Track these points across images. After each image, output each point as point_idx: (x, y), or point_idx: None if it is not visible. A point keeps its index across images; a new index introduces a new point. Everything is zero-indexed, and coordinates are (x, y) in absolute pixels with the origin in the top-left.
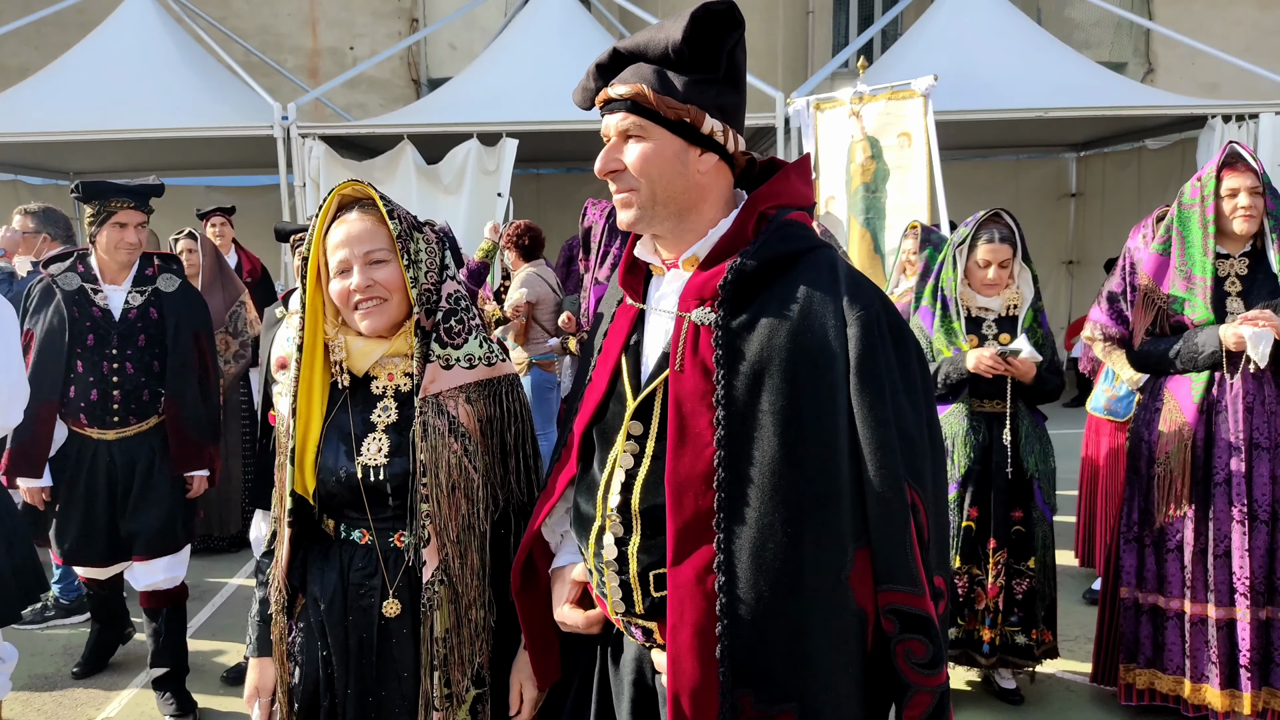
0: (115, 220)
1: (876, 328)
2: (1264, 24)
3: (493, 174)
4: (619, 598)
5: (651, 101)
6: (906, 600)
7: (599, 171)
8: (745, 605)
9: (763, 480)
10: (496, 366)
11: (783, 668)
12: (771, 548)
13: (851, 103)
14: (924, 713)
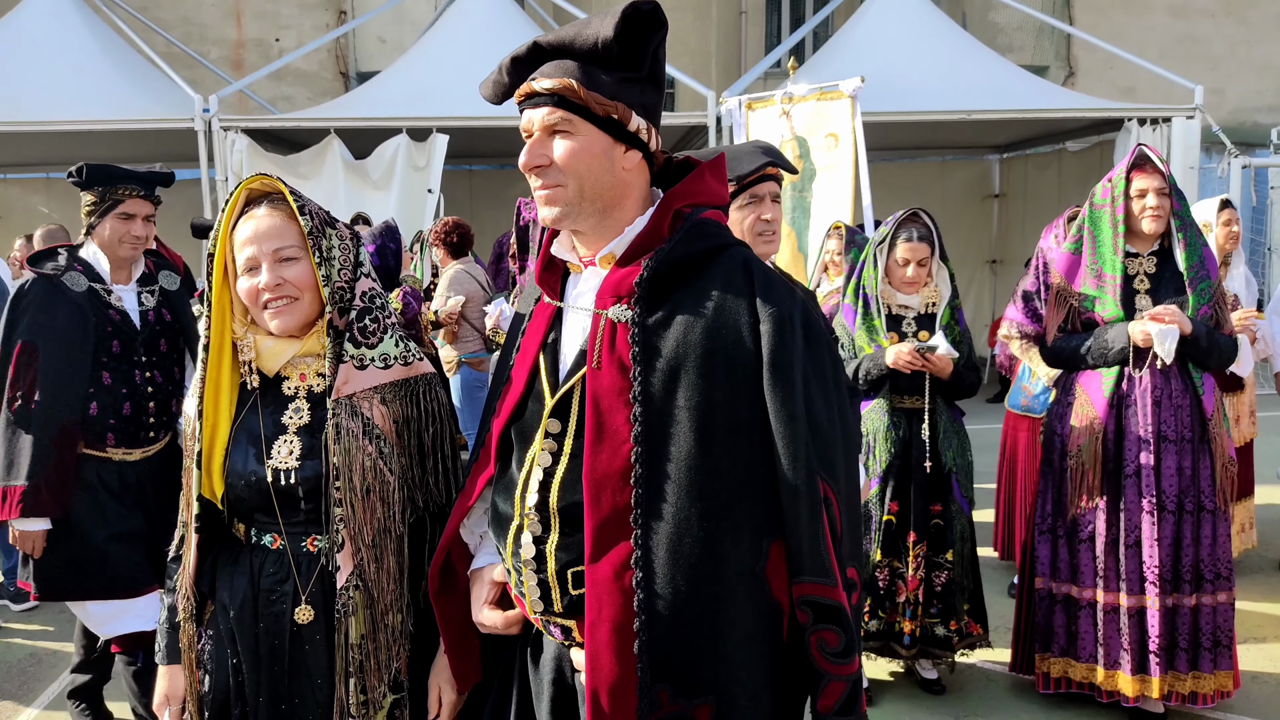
0: (121, 210)
1: (789, 324)
2: (1176, 30)
3: (423, 170)
4: (537, 596)
5: (581, 96)
6: (820, 591)
7: (524, 166)
8: (663, 600)
9: (679, 476)
10: (413, 366)
11: (700, 661)
12: (688, 543)
13: (782, 102)
14: (837, 701)
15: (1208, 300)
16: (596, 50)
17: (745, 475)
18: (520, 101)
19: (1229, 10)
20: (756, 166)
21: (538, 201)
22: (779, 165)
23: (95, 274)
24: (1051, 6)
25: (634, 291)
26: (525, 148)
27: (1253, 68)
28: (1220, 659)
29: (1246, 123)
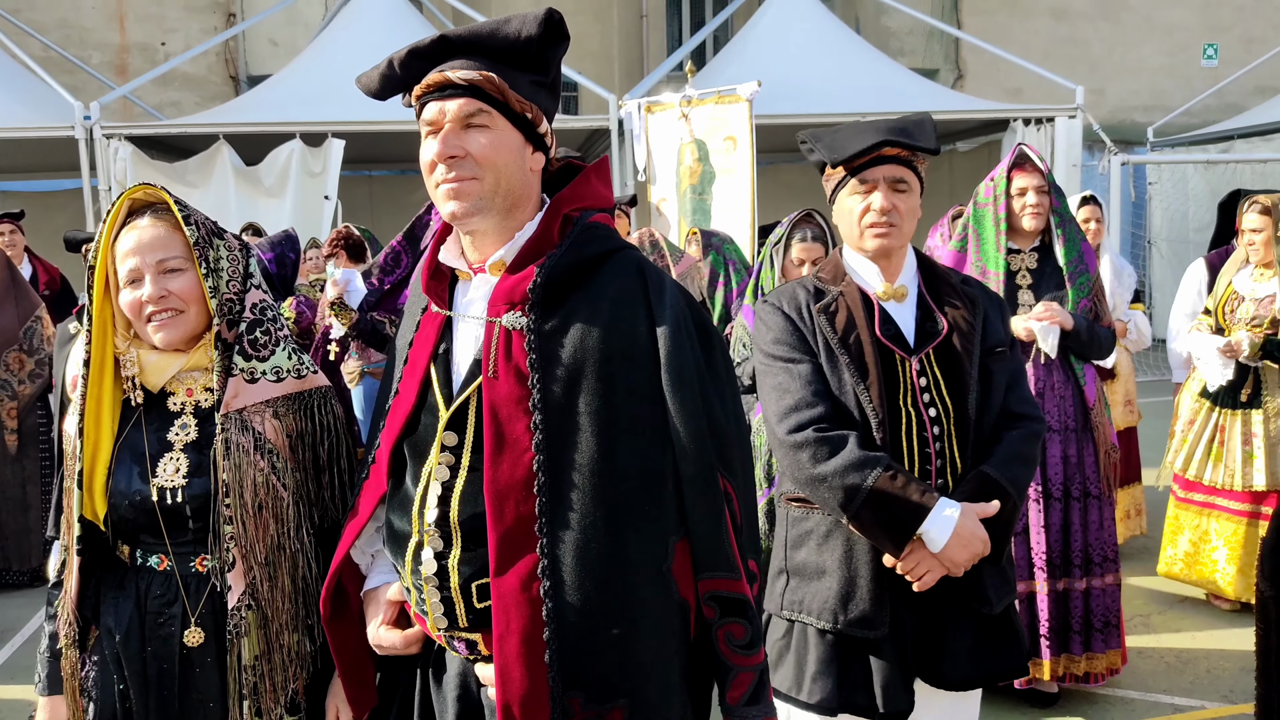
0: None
1: (684, 325)
2: (1059, 33)
3: (319, 176)
4: (441, 613)
5: (503, 91)
6: (725, 586)
7: (439, 156)
8: (572, 608)
9: (583, 482)
10: (307, 379)
11: (612, 666)
12: (595, 548)
13: (680, 106)
14: (746, 691)
15: (1087, 294)
16: (516, 49)
17: (648, 476)
18: (425, 94)
19: (1106, 14)
20: (864, 147)
21: (445, 196)
22: (904, 145)
23: None
24: (940, 11)
25: (528, 298)
26: (439, 138)
27: (1129, 69)
28: (1110, 638)
29: (1125, 121)
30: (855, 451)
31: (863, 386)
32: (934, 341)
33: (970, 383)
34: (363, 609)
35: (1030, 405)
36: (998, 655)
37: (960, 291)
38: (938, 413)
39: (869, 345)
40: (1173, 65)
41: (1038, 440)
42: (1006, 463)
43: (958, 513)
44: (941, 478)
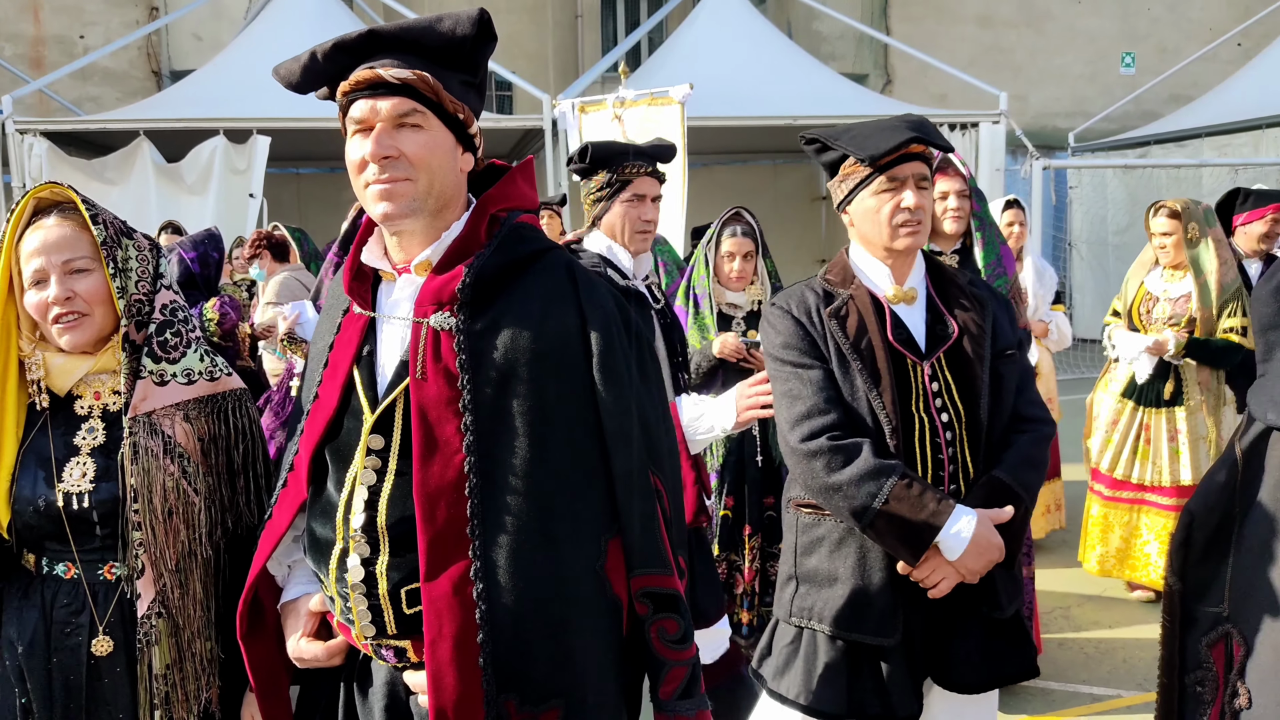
0: None
1: (614, 325)
2: (984, 41)
3: (243, 173)
4: (368, 621)
5: (437, 91)
6: (658, 582)
7: (373, 156)
8: (506, 611)
9: (516, 483)
10: (220, 381)
11: (546, 666)
12: (529, 549)
13: (614, 107)
14: (679, 686)
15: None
16: (449, 49)
17: (581, 476)
18: (352, 91)
19: (1030, 23)
20: (897, 144)
21: (377, 197)
22: (928, 142)
23: None
24: (870, 17)
25: (456, 298)
26: (372, 137)
27: (1051, 76)
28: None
29: (1047, 127)
30: (870, 460)
31: (875, 393)
32: (945, 345)
33: (982, 387)
34: (279, 621)
35: (1039, 408)
36: (1009, 656)
37: (969, 293)
38: (950, 418)
39: (881, 350)
40: (1093, 73)
41: (1047, 443)
42: (1018, 467)
43: (974, 521)
44: (954, 483)
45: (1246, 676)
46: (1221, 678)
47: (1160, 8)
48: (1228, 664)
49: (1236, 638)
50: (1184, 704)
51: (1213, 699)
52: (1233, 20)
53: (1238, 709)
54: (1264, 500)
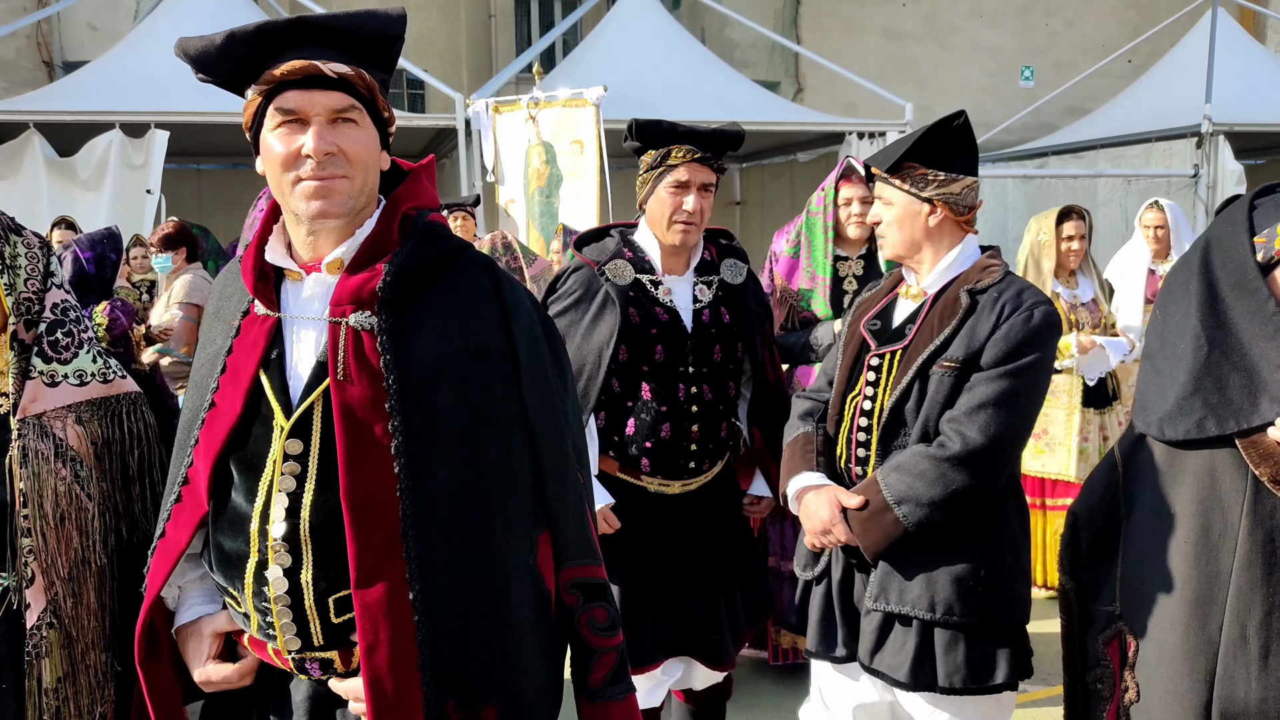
0: None
1: (537, 323)
2: (890, 52)
3: (141, 169)
4: (293, 634)
5: (373, 89)
6: (589, 572)
7: (315, 151)
8: (443, 612)
9: (448, 483)
10: (114, 384)
11: (483, 665)
12: (464, 549)
13: (528, 108)
14: (609, 672)
15: None
16: (378, 46)
17: (510, 473)
18: (286, 78)
19: (934, 36)
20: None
21: (310, 194)
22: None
23: None
24: (782, 27)
25: (378, 296)
26: (312, 132)
27: (955, 88)
28: None
29: None
30: (797, 416)
31: (837, 370)
32: (900, 342)
33: (895, 388)
34: (174, 643)
35: (959, 427)
36: (987, 665)
37: (959, 299)
38: (871, 408)
39: (856, 334)
40: (994, 86)
41: (943, 460)
42: (893, 469)
43: (806, 484)
44: (863, 468)
45: (1136, 671)
46: (1118, 674)
47: (1057, 23)
48: (1123, 660)
49: (1129, 634)
50: (1086, 701)
51: (1111, 695)
52: (1124, 38)
53: (1129, 703)
54: (1143, 502)
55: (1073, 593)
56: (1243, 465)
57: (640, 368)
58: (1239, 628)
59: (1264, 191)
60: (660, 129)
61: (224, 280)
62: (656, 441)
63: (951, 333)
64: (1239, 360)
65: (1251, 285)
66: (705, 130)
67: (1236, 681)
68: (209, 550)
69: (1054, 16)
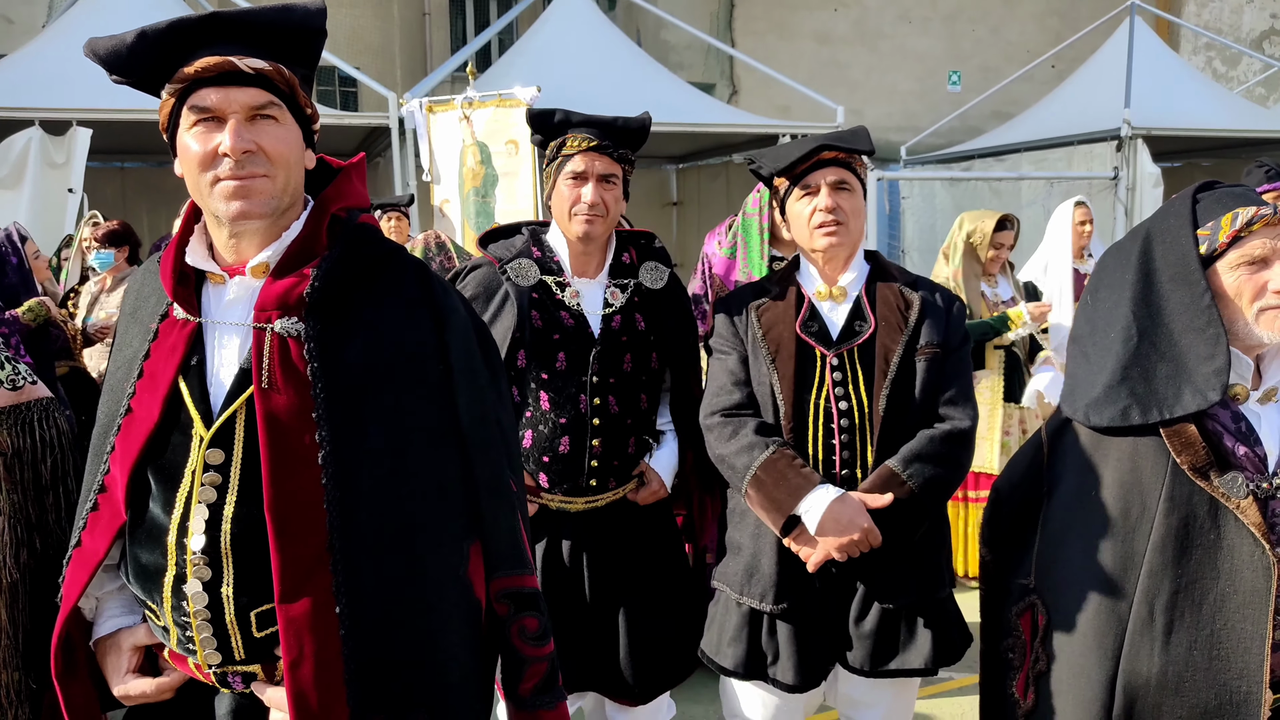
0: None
1: (470, 328)
2: (822, 57)
3: (62, 167)
4: (214, 648)
5: (292, 85)
6: (520, 582)
7: (232, 149)
8: (370, 626)
9: (376, 494)
10: (24, 391)
11: (411, 677)
12: (391, 562)
13: (462, 108)
14: (539, 681)
15: None
16: (299, 41)
17: (441, 482)
18: (201, 75)
19: (864, 41)
20: (804, 153)
21: (230, 194)
22: (840, 148)
23: None
24: (716, 29)
25: (305, 302)
26: (229, 129)
27: (884, 92)
28: None
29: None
30: (750, 435)
31: (776, 378)
32: (856, 340)
33: (884, 380)
34: (90, 656)
35: (958, 408)
36: (901, 648)
37: (899, 292)
38: (849, 406)
39: (789, 340)
40: (922, 90)
41: (955, 441)
42: (910, 458)
43: (829, 499)
44: (849, 469)
45: (1046, 643)
46: (1029, 644)
47: (983, 29)
48: (1034, 631)
49: (1040, 608)
50: (999, 669)
51: (1020, 665)
52: (1047, 44)
53: (1039, 672)
54: (1065, 482)
55: (992, 565)
56: (1164, 452)
57: (540, 375)
58: (1147, 607)
59: (1204, 187)
60: (554, 118)
61: (141, 280)
62: (554, 456)
63: (918, 322)
64: (1167, 350)
65: (1191, 278)
66: (603, 118)
67: (1140, 657)
68: (126, 562)
69: (980, 23)
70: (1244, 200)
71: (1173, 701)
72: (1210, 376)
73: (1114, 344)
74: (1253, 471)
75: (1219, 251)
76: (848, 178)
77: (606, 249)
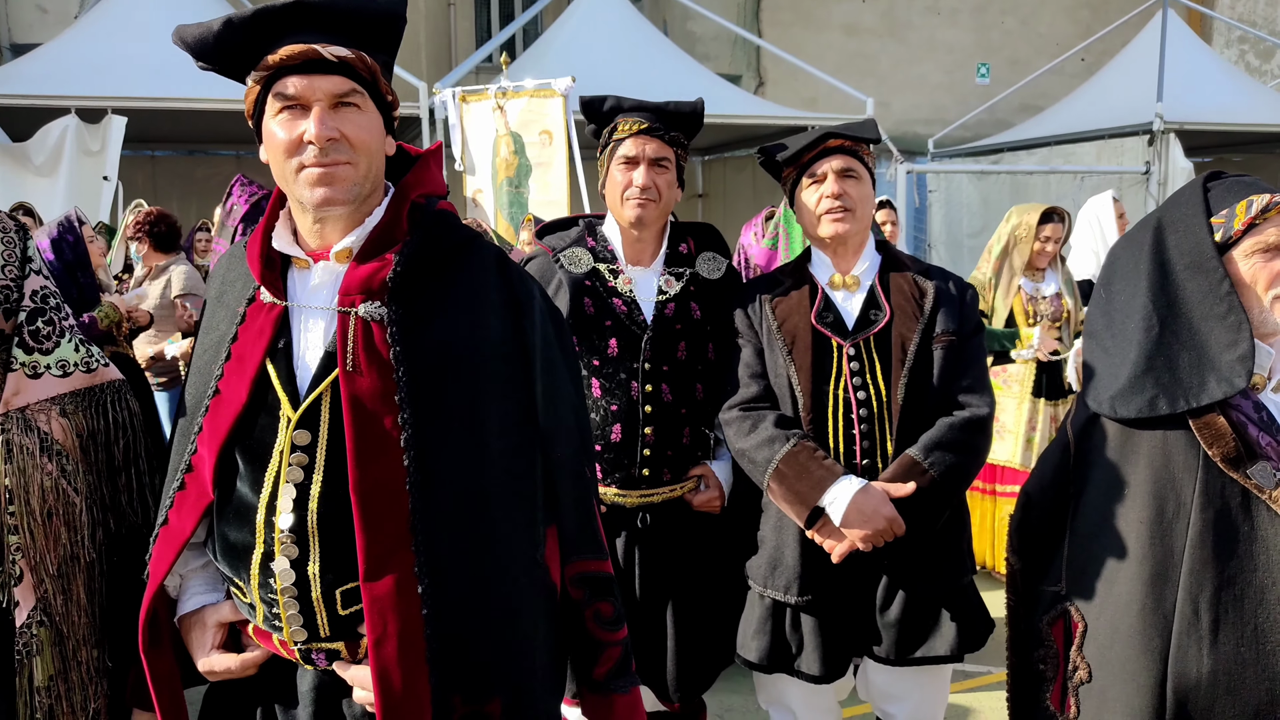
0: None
1: (546, 315)
2: (849, 48)
3: (97, 155)
4: (300, 625)
5: (375, 72)
6: (595, 566)
7: (317, 137)
8: (451, 606)
9: (456, 476)
10: (98, 373)
11: (489, 659)
12: (471, 543)
13: (496, 98)
14: (613, 666)
15: None
16: (380, 28)
17: (518, 466)
18: (285, 64)
19: (892, 32)
20: (812, 140)
21: (314, 181)
22: (847, 136)
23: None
24: (743, 20)
25: (387, 287)
26: (314, 117)
27: (912, 85)
28: None
29: (909, 133)
30: (770, 428)
31: (793, 370)
32: (872, 329)
33: (902, 369)
34: (174, 633)
35: (976, 395)
36: (926, 636)
37: (913, 280)
38: (867, 396)
39: (805, 331)
40: (950, 82)
41: (974, 428)
42: (931, 446)
43: (853, 490)
44: (869, 459)
45: (1085, 651)
46: (1061, 654)
47: (1012, 21)
48: (1066, 640)
49: (1074, 615)
50: (1030, 681)
51: (1054, 675)
52: (1076, 37)
53: (1079, 683)
54: (1095, 481)
55: (1020, 573)
56: (1195, 445)
57: (591, 362)
58: (1191, 605)
59: (1213, 176)
60: (604, 105)
61: (226, 265)
62: (606, 444)
63: (933, 310)
64: (1188, 339)
65: (1207, 265)
66: (653, 103)
67: (1189, 657)
68: (213, 540)
69: (1009, 15)
70: (1255, 189)
71: (1225, 701)
72: (1235, 364)
73: (1134, 334)
74: (1277, 461)
75: (1234, 239)
76: (854, 165)
77: (661, 237)
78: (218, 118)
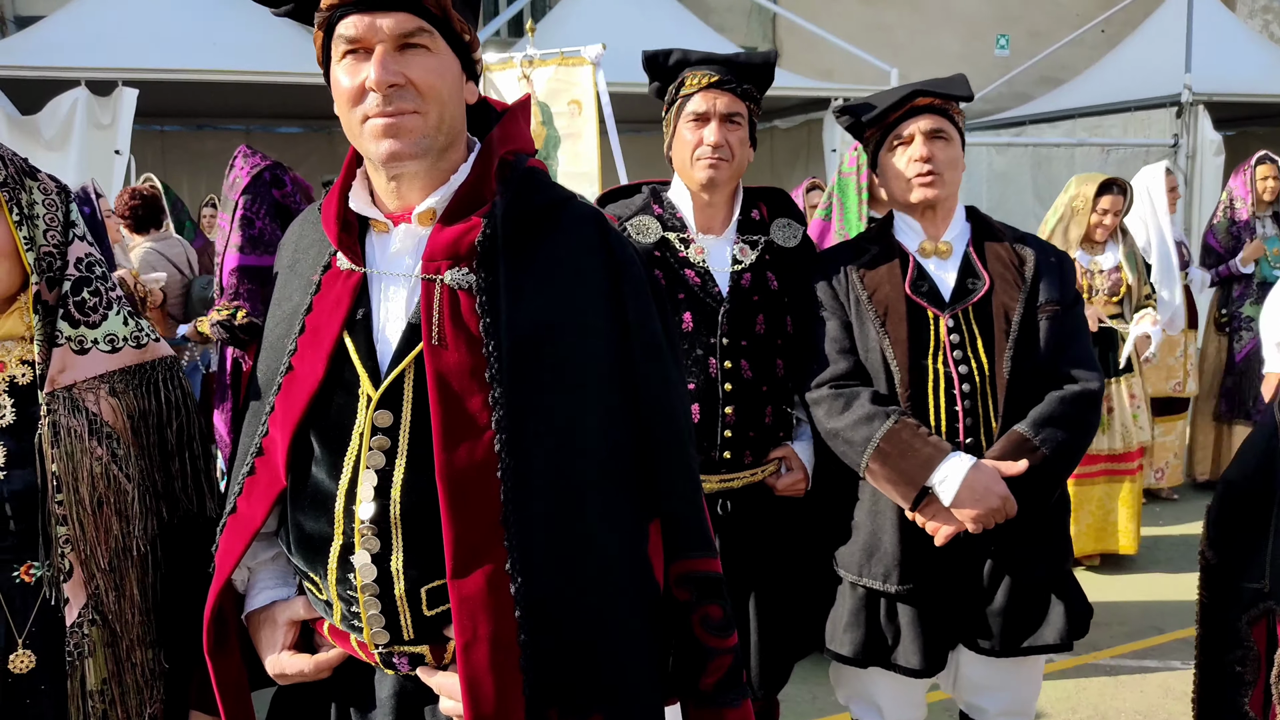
0: None
1: (650, 287)
2: (867, 18)
3: (108, 128)
4: (381, 626)
5: (444, 7)
6: (703, 565)
7: (377, 83)
8: (548, 608)
9: (552, 463)
10: (148, 348)
11: (589, 670)
12: (568, 537)
13: (522, 66)
14: (723, 675)
15: None
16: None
17: (618, 453)
18: (341, 5)
19: (909, 2)
20: (900, 98)
21: (379, 132)
22: (936, 93)
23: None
24: None
25: (475, 252)
26: (375, 60)
27: (930, 55)
28: None
29: None
30: (866, 405)
31: (888, 343)
32: (971, 299)
33: (1006, 341)
34: (241, 631)
35: (1083, 367)
36: (1035, 625)
37: (1011, 248)
38: (969, 370)
39: (898, 302)
40: (969, 54)
41: (1085, 402)
42: (1041, 422)
43: (965, 468)
44: (972, 436)
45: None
46: (1263, 657)
47: None
48: (1269, 642)
49: (1279, 615)
50: (1224, 683)
51: (1255, 679)
52: (1096, 8)
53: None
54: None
55: (1217, 567)
56: None
57: None
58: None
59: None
60: (670, 59)
61: (298, 231)
62: None
63: (1034, 279)
64: None
65: None
66: (723, 55)
67: None
68: (286, 530)
69: None
70: None
71: None
72: None
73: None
74: None
75: None
76: (944, 126)
77: (733, 203)
78: (227, 90)
